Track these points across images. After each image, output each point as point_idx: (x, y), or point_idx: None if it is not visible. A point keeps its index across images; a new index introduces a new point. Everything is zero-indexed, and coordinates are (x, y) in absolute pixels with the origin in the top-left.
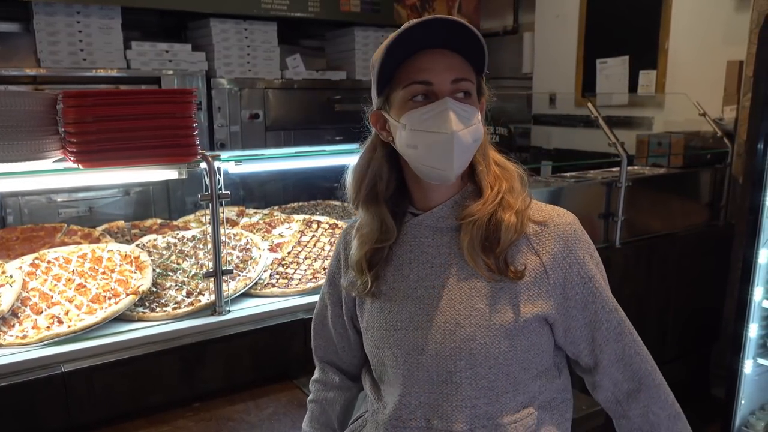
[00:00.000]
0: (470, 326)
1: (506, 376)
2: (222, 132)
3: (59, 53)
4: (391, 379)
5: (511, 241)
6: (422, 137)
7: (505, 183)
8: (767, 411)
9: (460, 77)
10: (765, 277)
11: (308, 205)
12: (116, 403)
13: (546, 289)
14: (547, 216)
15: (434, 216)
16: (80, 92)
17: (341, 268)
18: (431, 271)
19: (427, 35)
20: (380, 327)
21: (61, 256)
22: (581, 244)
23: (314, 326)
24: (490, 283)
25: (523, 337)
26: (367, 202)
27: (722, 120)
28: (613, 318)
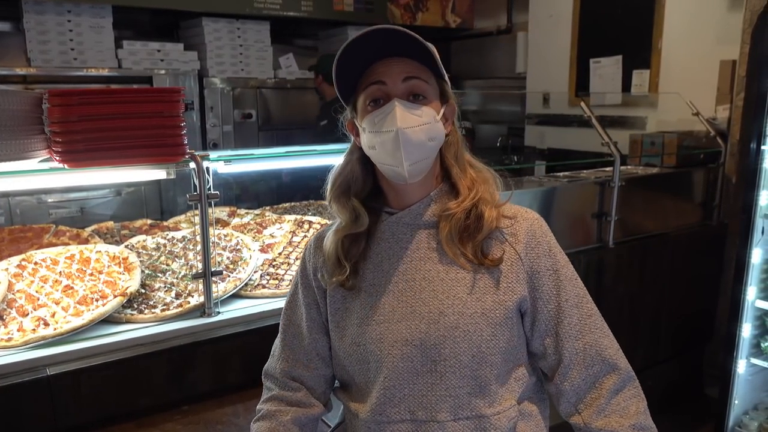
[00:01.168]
0: (453, 314)
1: (489, 366)
2: (214, 132)
3: (50, 52)
4: (371, 377)
5: (487, 233)
6: (377, 138)
7: (479, 182)
8: (760, 411)
9: (411, 75)
10: (758, 276)
11: (300, 205)
12: (103, 406)
13: (522, 275)
14: (516, 212)
15: (411, 213)
16: (65, 91)
17: (310, 271)
18: (411, 264)
19: (385, 45)
20: (361, 323)
21: (48, 257)
22: (548, 237)
23: (283, 337)
24: (469, 272)
25: (505, 327)
26: (339, 198)
27: (715, 119)
28: (575, 313)
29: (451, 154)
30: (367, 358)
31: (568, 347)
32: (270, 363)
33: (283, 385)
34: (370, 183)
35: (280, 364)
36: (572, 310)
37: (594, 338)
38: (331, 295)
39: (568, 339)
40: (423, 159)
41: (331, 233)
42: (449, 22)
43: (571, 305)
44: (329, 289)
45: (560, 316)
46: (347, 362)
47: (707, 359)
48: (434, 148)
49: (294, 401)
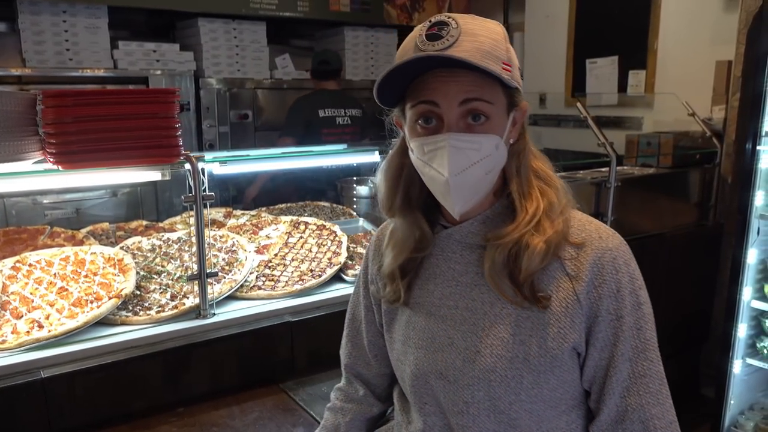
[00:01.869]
0: (491, 356)
1: (529, 414)
2: (211, 133)
3: (45, 53)
4: (413, 399)
5: (537, 268)
6: (426, 169)
7: (543, 202)
8: (756, 411)
9: (470, 97)
10: (754, 277)
11: (296, 206)
12: (98, 408)
13: (579, 320)
14: (587, 237)
15: (463, 231)
16: (60, 92)
17: (369, 273)
18: (456, 289)
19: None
20: (403, 342)
21: (43, 258)
22: (620, 274)
23: (347, 332)
24: (516, 310)
25: (551, 374)
26: (403, 210)
27: (711, 120)
28: (626, 369)
29: (513, 167)
30: (405, 378)
31: (610, 403)
32: (341, 350)
33: (348, 381)
34: (426, 189)
35: (345, 358)
36: (625, 364)
37: (641, 402)
38: (384, 302)
39: (612, 395)
40: (477, 194)
41: (389, 247)
42: None
43: (625, 359)
44: (381, 300)
45: (611, 368)
46: (396, 372)
47: (703, 359)
48: (493, 179)
49: (356, 399)
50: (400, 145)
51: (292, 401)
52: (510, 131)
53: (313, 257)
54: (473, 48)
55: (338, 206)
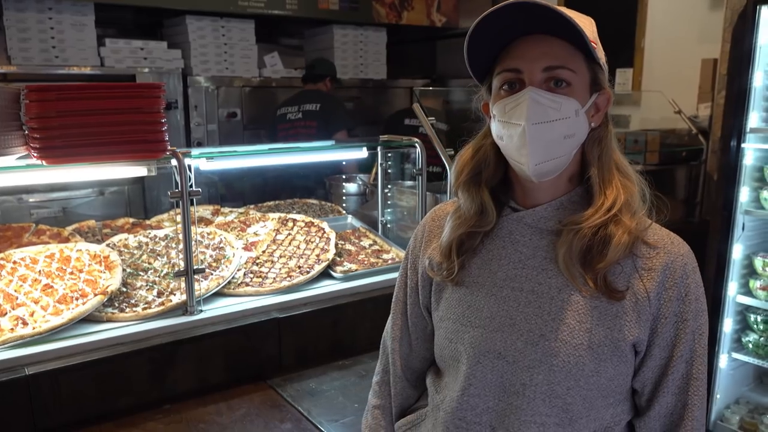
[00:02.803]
0: (555, 340)
1: (583, 400)
2: (199, 131)
3: (30, 50)
4: (460, 377)
5: (615, 260)
6: (506, 129)
7: (623, 195)
8: (742, 404)
9: (554, 65)
10: (739, 272)
11: (285, 203)
12: (83, 406)
13: (646, 317)
14: (659, 240)
15: (536, 215)
16: (43, 86)
17: (419, 253)
18: (522, 272)
19: (527, 19)
20: (456, 320)
21: (27, 256)
22: (689, 279)
23: (393, 314)
24: (585, 298)
25: (610, 364)
26: (468, 184)
27: (697, 117)
28: (682, 369)
29: (595, 152)
30: (458, 357)
31: (662, 401)
32: (388, 333)
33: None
34: (502, 171)
35: (391, 342)
36: (682, 365)
37: (690, 402)
38: (435, 281)
39: (665, 393)
40: (554, 158)
41: (451, 220)
42: (434, 21)
43: (683, 360)
44: (436, 277)
45: (669, 367)
46: (441, 353)
47: None
48: (571, 146)
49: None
50: (482, 130)
51: (280, 397)
52: (593, 114)
53: (301, 254)
54: (564, 11)
55: (327, 203)
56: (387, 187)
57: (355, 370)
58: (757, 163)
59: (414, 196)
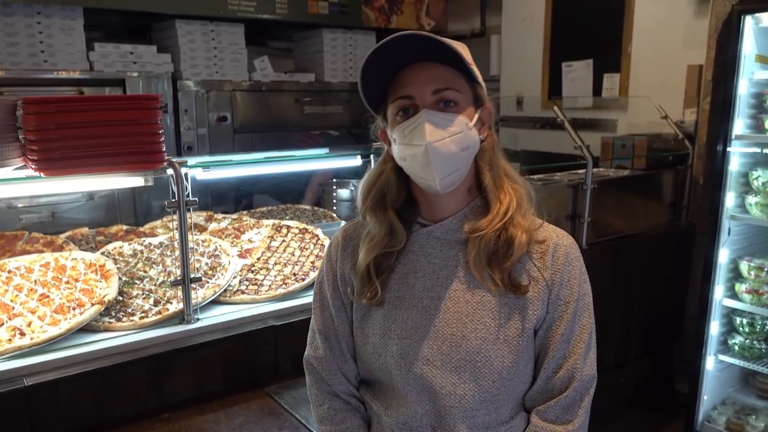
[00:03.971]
0: (476, 339)
1: (507, 390)
2: (189, 135)
3: (18, 54)
4: (394, 386)
5: (517, 258)
6: (407, 150)
7: (515, 198)
8: (728, 405)
9: (441, 87)
10: (725, 275)
11: (277, 209)
12: (82, 416)
13: (545, 302)
14: (547, 236)
15: (443, 228)
16: (41, 98)
17: (338, 274)
18: (437, 282)
19: (410, 50)
20: (382, 335)
21: (22, 265)
22: (573, 266)
23: (321, 337)
24: (496, 297)
25: (525, 353)
26: (374, 209)
27: (683, 122)
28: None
29: (485, 161)
30: (388, 369)
31: (543, 375)
32: (312, 359)
33: (330, 392)
34: (405, 192)
35: (324, 362)
36: (562, 345)
37: (569, 376)
38: (356, 303)
39: (545, 370)
40: (456, 170)
41: (363, 245)
42: (423, 25)
43: (563, 339)
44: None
45: (549, 347)
46: (370, 367)
47: (677, 356)
48: (467, 158)
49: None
50: (382, 156)
51: (278, 405)
52: (479, 127)
53: (296, 261)
54: (444, 40)
55: (319, 209)
56: None
57: None
58: (742, 169)
59: None
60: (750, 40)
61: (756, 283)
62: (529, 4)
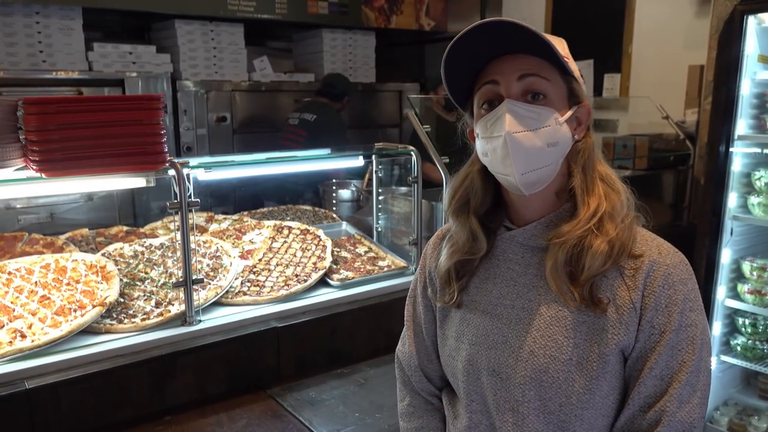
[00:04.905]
0: (544, 357)
1: (580, 420)
2: (188, 135)
3: (17, 54)
4: (461, 393)
5: (598, 270)
6: (489, 143)
7: (606, 204)
8: (730, 406)
9: (527, 73)
10: (727, 276)
11: (278, 210)
12: (83, 419)
13: (633, 327)
14: (646, 249)
15: (526, 233)
16: (42, 99)
17: (427, 273)
18: (514, 289)
19: (499, 42)
20: (456, 338)
21: (22, 266)
22: (672, 289)
23: (410, 332)
24: (573, 313)
25: (603, 380)
26: (457, 212)
27: (684, 123)
28: (655, 387)
29: (579, 164)
30: (457, 374)
31: (627, 413)
32: (402, 351)
33: (412, 389)
34: (491, 196)
35: (410, 358)
36: (653, 381)
37: (657, 419)
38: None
39: (630, 407)
40: (539, 167)
41: (446, 248)
42: (423, 25)
43: (653, 376)
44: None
45: (637, 380)
46: (446, 370)
47: None
48: (555, 155)
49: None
50: (471, 158)
51: (280, 407)
52: (575, 127)
53: (298, 262)
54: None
55: (320, 210)
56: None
57: (354, 379)
58: (744, 169)
59: (408, 203)
60: (752, 40)
61: (758, 283)
62: (529, 4)
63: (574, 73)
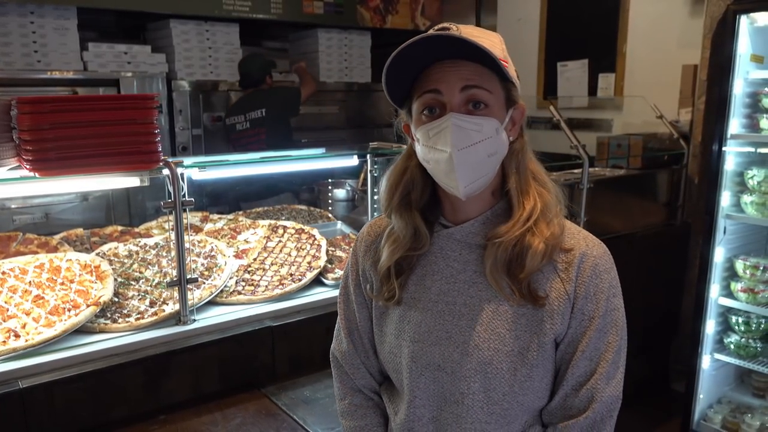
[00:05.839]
0: (488, 350)
1: (520, 405)
2: (184, 135)
3: (12, 54)
4: (404, 389)
5: (537, 268)
6: (431, 154)
7: (539, 204)
8: (724, 404)
9: (470, 84)
10: (720, 274)
11: (273, 209)
12: (78, 418)
13: (567, 315)
14: (575, 244)
15: (464, 231)
16: (36, 98)
17: (360, 271)
18: (454, 286)
19: (438, 47)
20: (396, 335)
21: (16, 266)
22: (599, 279)
23: (345, 332)
24: (512, 307)
25: (541, 367)
26: (400, 209)
27: (678, 122)
28: (585, 367)
29: (513, 164)
30: (400, 370)
31: (561, 392)
32: (338, 352)
33: (352, 387)
34: (429, 190)
35: (347, 356)
36: (584, 362)
37: (593, 396)
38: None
39: (564, 386)
40: (481, 177)
41: (386, 245)
42: (419, 25)
43: (585, 357)
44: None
45: (570, 363)
46: (386, 366)
47: (673, 355)
48: (494, 163)
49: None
50: (406, 150)
51: (275, 406)
52: (510, 128)
53: (293, 261)
54: (473, 38)
55: (315, 209)
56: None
57: None
58: (737, 168)
59: None
60: (745, 40)
61: (751, 281)
62: (524, 4)
63: (512, 78)
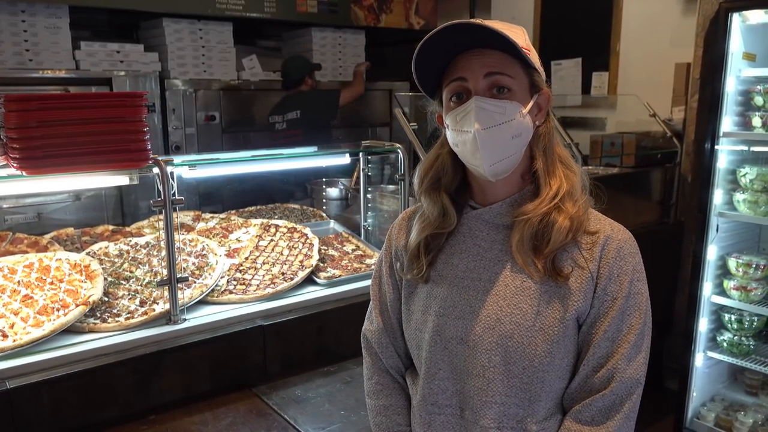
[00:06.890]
0: (510, 324)
1: (541, 383)
2: (177, 134)
3: (3, 53)
4: (428, 364)
5: (561, 243)
6: (459, 136)
7: (566, 185)
8: (717, 402)
9: (493, 71)
10: (713, 272)
11: (266, 208)
12: (67, 419)
13: (590, 295)
14: (600, 227)
15: (492, 212)
16: (22, 96)
17: (393, 252)
18: (480, 263)
19: (464, 38)
20: (424, 311)
21: (5, 266)
22: (623, 261)
23: (377, 312)
24: (537, 284)
25: (561, 344)
26: (429, 191)
27: (671, 120)
28: (606, 348)
29: (540, 147)
30: (422, 345)
31: (582, 373)
32: (369, 330)
33: (380, 368)
34: (460, 176)
35: (378, 335)
36: (605, 343)
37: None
38: (406, 280)
39: (585, 367)
40: (506, 157)
41: (416, 225)
42: (413, 24)
43: (606, 338)
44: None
45: (591, 343)
46: (411, 343)
47: (666, 353)
48: (519, 144)
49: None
50: (439, 140)
51: (266, 405)
52: (536, 113)
53: (285, 260)
54: (497, 27)
55: (309, 208)
56: (368, 190)
57: (341, 377)
58: (730, 166)
59: (396, 200)
60: (737, 38)
61: (744, 279)
62: (518, 3)
63: (535, 65)
